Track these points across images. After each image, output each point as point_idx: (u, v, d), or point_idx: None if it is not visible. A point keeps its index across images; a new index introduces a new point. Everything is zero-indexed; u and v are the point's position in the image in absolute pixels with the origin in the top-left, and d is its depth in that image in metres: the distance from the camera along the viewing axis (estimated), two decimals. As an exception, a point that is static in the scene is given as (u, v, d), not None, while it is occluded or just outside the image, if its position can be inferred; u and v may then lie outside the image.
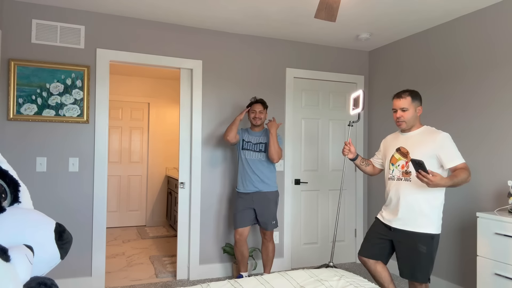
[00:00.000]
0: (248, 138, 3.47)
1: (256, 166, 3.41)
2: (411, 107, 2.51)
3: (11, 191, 0.99)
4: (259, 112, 3.44)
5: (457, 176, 2.33)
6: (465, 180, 2.34)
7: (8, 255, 0.80)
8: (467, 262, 3.17)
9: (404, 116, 2.51)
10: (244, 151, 3.44)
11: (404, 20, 3.44)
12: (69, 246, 0.98)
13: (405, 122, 2.52)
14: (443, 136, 2.44)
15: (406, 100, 2.51)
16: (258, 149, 3.44)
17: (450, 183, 2.30)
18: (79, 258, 3.30)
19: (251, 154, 3.44)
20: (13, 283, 0.78)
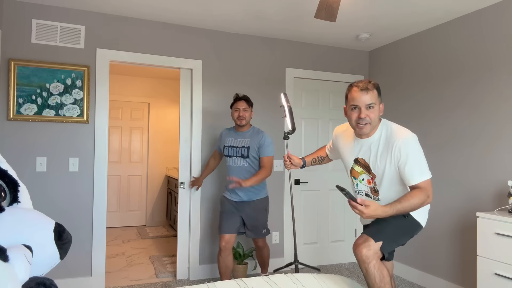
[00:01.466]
0: (230, 141, 3.18)
1: (241, 174, 3.10)
2: (377, 104, 1.96)
3: (11, 190, 0.99)
4: (243, 110, 3.13)
5: (403, 201, 1.86)
6: (416, 206, 1.87)
7: (7, 255, 0.80)
8: (467, 262, 3.17)
9: (370, 116, 1.94)
10: (227, 158, 3.18)
11: (404, 20, 3.44)
12: (69, 246, 0.98)
13: (370, 124, 1.96)
14: (401, 144, 1.89)
15: (374, 94, 1.94)
16: (240, 154, 3.11)
17: (390, 212, 1.86)
18: (79, 258, 3.30)
19: (234, 161, 3.15)
20: (11, 284, 0.78)
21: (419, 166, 1.89)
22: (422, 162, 1.91)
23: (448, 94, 3.43)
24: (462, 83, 3.29)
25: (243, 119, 3.13)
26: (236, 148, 3.14)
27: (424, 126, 3.65)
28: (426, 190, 1.88)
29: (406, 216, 2.01)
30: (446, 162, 3.41)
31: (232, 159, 3.15)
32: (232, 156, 3.15)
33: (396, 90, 4.03)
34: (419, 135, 3.66)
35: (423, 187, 1.88)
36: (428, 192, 1.88)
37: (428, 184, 1.90)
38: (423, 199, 1.87)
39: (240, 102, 3.15)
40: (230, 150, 3.15)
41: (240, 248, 3.69)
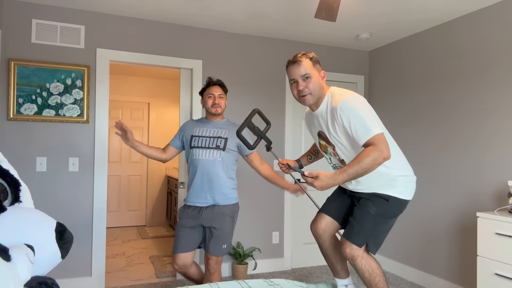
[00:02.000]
0: (200, 131, 2.60)
1: (212, 170, 2.53)
2: (314, 72, 1.94)
3: (12, 190, 0.99)
4: (219, 97, 2.62)
5: (353, 164, 1.74)
6: (370, 166, 1.74)
7: (9, 255, 0.80)
8: (467, 262, 3.17)
9: (308, 87, 1.92)
10: (193, 151, 2.56)
11: (404, 20, 3.44)
12: (70, 245, 0.98)
13: (310, 95, 1.93)
14: (341, 108, 1.81)
15: (307, 64, 1.93)
16: (215, 145, 2.54)
17: (342, 178, 1.76)
18: (79, 258, 3.30)
19: (204, 153, 2.54)
20: (14, 283, 0.78)
21: (363, 124, 1.76)
22: (366, 119, 1.77)
23: (448, 94, 3.43)
24: (462, 83, 3.29)
25: (219, 107, 2.61)
26: (209, 139, 2.56)
27: (425, 126, 3.65)
28: (376, 146, 1.72)
29: (388, 200, 1.92)
30: (446, 162, 3.41)
31: (201, 151, 2.54)
32: (203, 147, 2.55)
33: (396, 90, 4.04)
34: (419, 135, 3.68)
35: (372, 143, 1.74)
36: (379, 147, 1.72)
37: (377, 140, 1.74)
38: (374, 156, 1.71)
39: (214, 87, 2.64)
40: (201, 140, 2.56)
41: (240, 248, 3.69)
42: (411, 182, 2.04)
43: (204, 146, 2.55)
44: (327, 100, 1.96)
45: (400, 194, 1.95)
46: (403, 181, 1.98)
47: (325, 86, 2.01)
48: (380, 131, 1.77)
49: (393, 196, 1.93)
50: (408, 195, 2.00)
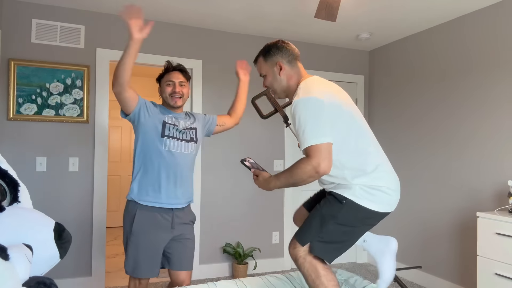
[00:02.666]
0: (171, 119, 2.16)
1: (187, 165, 2.15)
2: (268, 71, 1.80)
3: (11, 190, 0.99)
4: (180, 85, 2.19)
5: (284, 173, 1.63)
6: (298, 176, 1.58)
7: (7, 254, 0.81)
8: (467, 262, 3.17)
9: (266, 84, 1.84)
10: (168, 140, 2.08)
11: (404, 20, 3.44)
12: (69, 245, 0.98)
13: (276, 92, 1.84)
14: (293, 107, 1.64)
15: (260, 64, 1.83)
16: (189, 137, 2.17)
17: (275, 183, 1.67)
18: (79, 258, 3.30)
19: (180, 146, 2.12)
20: (12, 282, 0.79)
21: (305, 131, 1.56)
22: (308, 126, 1.56)
23: (448, 94, 3.43)
24: (463, 82, 3.29)
25: (179, 98, 2.17)
26: (184, 131, 2.17)
27: (424, 126, 3.65)
28: (310, 157, 1.54)
29: (343, 201, 1.65)
30: (446, 162, 3.41)
31: (176, 143, 2.12)
32: (178, 139, 2.13)
33: (396, 90, 4.03)
34: (420, 135, 3.67)
35: (308, 154, 1.56)
36: (314, 160, 1.53)
37: (314, 151, 1.54)
38: (305, 169, 1.55)
39: (174, 73, 2.20)
40: (175, 130, 2.13)
41: (240, 248, 3.69)
42: (380, 192, 1.67)
43: (179, 138, 2.13)
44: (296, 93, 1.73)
45: (358, 199, 1.64)
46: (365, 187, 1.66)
47: (289, 78, 1.79)
48: (317, 142, 1.54)
49: (348, 198, 1.65)
50: (370, 203, 1.65)
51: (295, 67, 1.79)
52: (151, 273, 2.10)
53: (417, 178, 3.71)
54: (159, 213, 2.08)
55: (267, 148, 3.97)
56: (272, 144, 4.00)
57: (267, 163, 3.96)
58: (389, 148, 4.08)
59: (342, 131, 1.64)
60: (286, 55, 1.77)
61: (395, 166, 4.00)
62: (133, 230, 2.05)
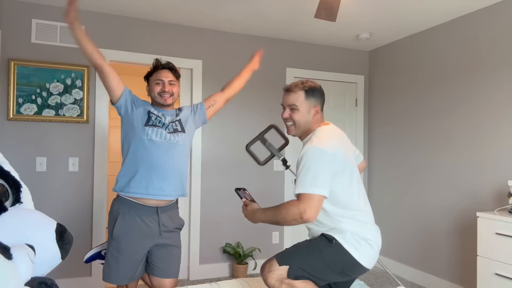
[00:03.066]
0: (157, 112, 2.12)
1: (172, 156, 2.05)
2: (302, 106, 1.81)
3: (13, 191, 1.00)
4: (169, 84, 2.13)
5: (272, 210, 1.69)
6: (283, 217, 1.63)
7: (11, 253, 0.81)
8: (467, 262, 3.18)
9: (293, 117, 1.82)
10: (150, 129, 2.04)
11: (404, 20, 3.44)
12: (70, 246, 0.99)
13: (294, 126, 1.84)
14: (303, 152, 1.71)
15: (298, 95, 1.81)
16: (173, 128, 2.10)
17: (260, 216, 1.73)
18: (79, 258, 3.30)
19: (163, 135, 2.05)
20: (14, 281, 0.79)
21: (304, 178, 1.62)
22: (309, 175, 1.61)
23: (448, 94, 3.43)
24: (463, 83, 3.29)
25: (169, 96, 2.12)
26: (168, 124, 2.12)
27: (424, 125, 3.65)
28: (300, 204, 1.59)
29: (332, 241, 1.69)
30: (446, 162, 3.41)
31: (160, 131, 2.05)
32: (160, 127, 2.06)
33: (396, 90, 4.04)
34: (420, 135, 3.68)
35: (299, 199, 1.61)
36: (302, 207, 1.57)
37: (305, 198, 1.59)
38: (292, 212, 1.60)
39: (163, 71, 2.14)
40: (158, 120, 2.09)
41: (240, 248, 3.69)
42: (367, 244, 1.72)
43: (161, 126, 2.07)
44: (310, 137, 1.83)
45: (346, 244, 1.68)
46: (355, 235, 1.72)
47: (315, 121, 1.85)
48: (312, 192, 1.59)
49: (337, 240, 1.69)
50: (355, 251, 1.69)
51: (322, 115, 1.89)
52: (129, 280, 2.04)
53: (417, 178, 3.71)
54: (143, 217, 2.01)
55: (267, 148, 3.97)
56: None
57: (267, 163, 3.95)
58: (389, 148, 4.08)
59: (344, 185, 1.73)
60: (323, 103, 1.85)
61: (395, 166, 4.00)
62: (114, 235, 2.00)
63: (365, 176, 4.42)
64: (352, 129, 4.39)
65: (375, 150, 4.31)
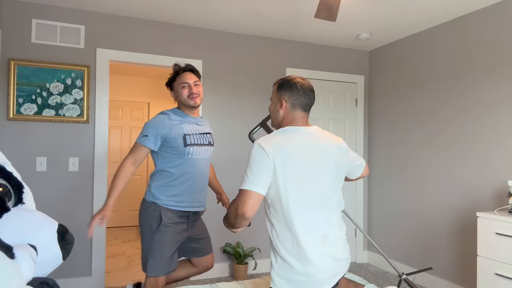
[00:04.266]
0: (191, 128, 2.22)
1: (206, 169, 2.31)
2: (274, 98, 1.79)
3: (15, 192, 1.00)
4: (195, 84, 2.21)
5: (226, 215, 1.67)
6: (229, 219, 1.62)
7: (13, 253, 0.82)
8: (467, 262, 3.18)
9: (269, 109, 1.85)
10: (191, 149, 2.19)
11: (404, 20, 3.45)
12: (71, 247, 0.99)
13: (272, 121, 1.87)
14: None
15: (273, 89, 1.83)
16: (207, 141, 2.28)
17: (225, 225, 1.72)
18: (79, 258, 3.30)
19: (201, 152, 2.24)
20: (17, 280, 0.80)
21: (244, 175, 1.60)
22: (248, 171, 1.58)
23: (448, 94, 3.43)
24: (463, 83, 3.30)
25: (197, 97, 2.21)
26: (202, 135, 2.25)
27: (424, 125, 3.66)
28: (236, 200, 1.56)
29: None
30: (446, 162, 3.41)
31: (198, 149, 2.22)
32: (200, 144, 2.22)
33: (396, 90, 4.04)
34: (419, 135, 3.68)
35: (236, 196, 1.58)
36: (236, 203, 1.55)
37: (241, 195, 1.55)
38: (231, 209, 1.59)
39: (186, 74, 2.22)
40: (195, 137, 2.21)
41: (240, 248, 3.69)
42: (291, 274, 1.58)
43: (200, 143, 2.23)
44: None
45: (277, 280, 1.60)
46: (279, 269, 1.61)
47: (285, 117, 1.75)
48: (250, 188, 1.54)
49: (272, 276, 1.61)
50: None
51: (295, 112, 1.73)
52: (168, 270, 2.20)
53: (417, 178, 3.71)
54: (178, 215, 2.21)
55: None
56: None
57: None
58: (389, 148, 4.09)
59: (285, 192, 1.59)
60: (293, 98, 1.73)
61: (395, 166, 4.01)
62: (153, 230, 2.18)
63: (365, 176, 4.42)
64: (352, 129, 4.39)
65: (375, 150, 4.31)
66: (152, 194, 2.22)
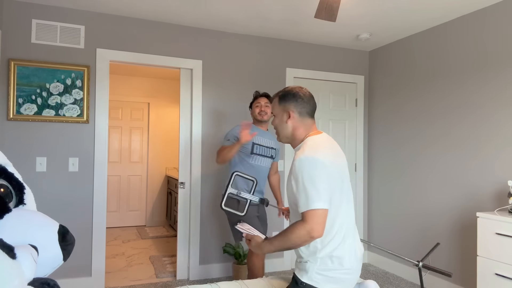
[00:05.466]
0: (259, 140, 3.02)
1: (265, 174, 3.06)
2: (278, 112, 1.81)
3: (17, 193, 1.00)
4: (265, 105, 3.04)
5: (279, 236, 1.63)
6: (294, 242, 1.58)
7: (15, 253, 0.82)
8: (467, 262, 3.18)
9: (274, 124, 1.84)
10: (255, 157, 3.00)
11: (404, 20, 3.45)
12: (72, 247, 0.99)
13: (278, 135, 1.84)
14: (296, 163, 1.63)
15: (274, 103, 1.83)
16: (270, 154, 3.06)
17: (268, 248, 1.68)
18: (79, 258, 3.30)
19: (262, 161, 3.03)
20: (18, 280, 0.80)
21: (306, 193, 1.56)
22: (310, 188, 1.56)
23: (448, 93, 3.43)
24: (462, 82, 3.30)
25: (265, 114, 3.02)
26: (266, 148, 3.03)
27: (424, 126, 3.66)
28: (307, 223, 1.54)
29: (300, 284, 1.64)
30: (446, 162, 3.41)
31: (261, 158, 3.01)
32: (263, 155, 3.01)
33: (396, 90, 4.04)
34: (419, 135, 3.68)
35: (305, 218, 1.56)
36: (308, 226, 1.53)
37: (311, 216, 1.54)
38: (299, 234, 1.55)
39: (261, 98, 3.07)
40: (261, 149, 3.00)
41: (240, 248, 3.69)
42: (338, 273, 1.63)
43: (263, 154, 3.01)
44: (300, 146, 1.76)
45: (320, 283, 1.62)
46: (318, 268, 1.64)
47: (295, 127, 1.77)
48: (317, 207, 1.54)
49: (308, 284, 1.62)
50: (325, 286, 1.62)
51: (305, 120, 1.77)
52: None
53: (417, 178, 3.71)
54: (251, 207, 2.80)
55: (267, 148, 3.98)
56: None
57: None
58: (389, 148, 4.09)
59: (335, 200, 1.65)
60: (299, 106, 1.76)
61: (395, 166, 4.01)
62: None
63: (365, 176, 4.42)
64: (352, 129, 4.39)
65: (375, 150, 4.32)
66: None
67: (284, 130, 1.79)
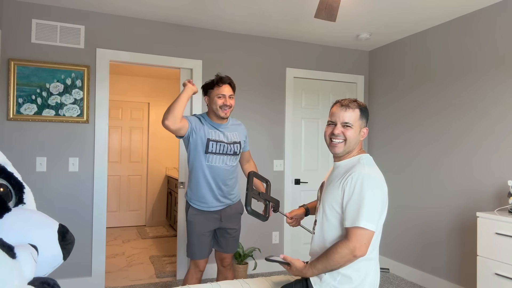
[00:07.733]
0: (217, 135, 2.39)
1: (227, 176, 2.43)
2: (358, 125, 1.72)
3: (16, 192, 1.00)
4: (229, 98, 2.39)
5: (321, 258, 1.59)
6: (337, 263, 1.55)
7: (14, 253, 0.82)
8: (467, 262, 3.18)
9: (346, 134, 1.70)
10: (210, 156, 2.36)
11: (404, 20, 3.45)
12: (72, 247, 0.99)
13: (343, 144, 1.71)
14: (356, 176, 1.60)
15: (354, 114, 1.71)
16: (232, 151, 2.42)
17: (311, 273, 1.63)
18: (79, 258, 3.30)
19: (222, 160, 2.39)
20: (18, 279, 0.80)
21: (359, 209, 1.53)
22: (366, 206, 1.53)
23: (448, 94, 3.43)
24: (462, 83, 3.30)
25: (228, 110, 2.39)
26: (226, 145, 2.40)
27: (424, 126, 3.66)
28: (350, 241, 1.52)
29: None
30: (446, 162, 3.41)
31: (220, 157, 2.38)
32: (222, 153, 2.37)
33: (396, 90, 4.04)
34: (419, 135, 3.68)
35: (350, 236, 1.53)
36: (351, 245, 1.51)
37: (357, 235, 1.51)
38: (343, 253, 1.52)
39: (225, 86, 2.39)
40: (220, 146, 2.37)
41: (240, 248, 3.69)
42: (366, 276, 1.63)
43: (222, 152, 2.38)
44: (353, 160, 1.73)
45: None
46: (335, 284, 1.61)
47: (360, 143, 1.78)
48: (366, 227, 1.52)
49: None
50: None
51: None
52: (202, 255, 2.44)
53: (416, 178, 3.71)
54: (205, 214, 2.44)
55: (267, 148, 3.98)
56: (272, 144, 4.00)
57: (267, 163, 3.96)
58: (389, 148, 4.09)
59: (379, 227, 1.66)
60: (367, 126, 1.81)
61: (395, 166, 4.00)
62: (187, 221, 2.46)
63: (365, 176, 4.42)
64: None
65: (375, 150, 4.31)
66: None
67: (355, 144, 1.74)
